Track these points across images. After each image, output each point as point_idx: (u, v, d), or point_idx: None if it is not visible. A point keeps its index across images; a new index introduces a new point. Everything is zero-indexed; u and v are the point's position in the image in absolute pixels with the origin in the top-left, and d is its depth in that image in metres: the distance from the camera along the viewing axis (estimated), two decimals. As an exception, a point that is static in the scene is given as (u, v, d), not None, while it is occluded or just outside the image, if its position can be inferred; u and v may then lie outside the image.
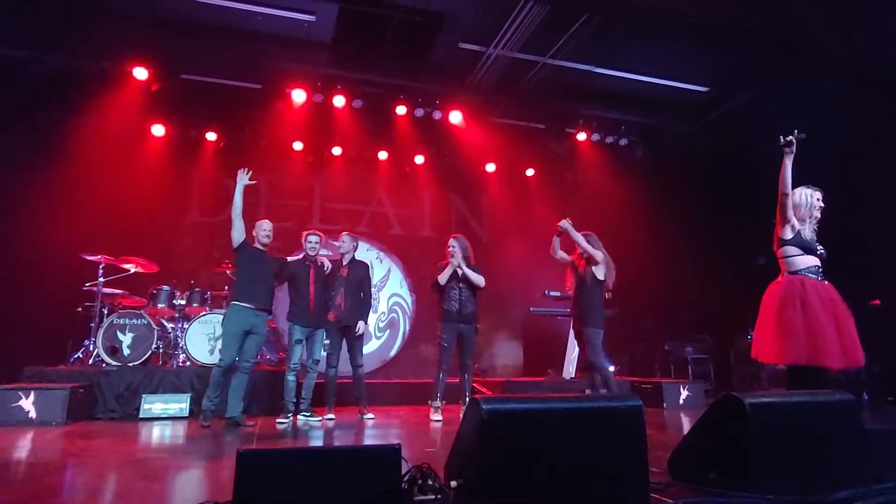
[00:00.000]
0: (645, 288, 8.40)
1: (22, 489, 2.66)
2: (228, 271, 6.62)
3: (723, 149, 8.06)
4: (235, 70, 7.62)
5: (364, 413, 5.44)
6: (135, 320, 6.07)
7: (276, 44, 7.04)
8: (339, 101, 7.82)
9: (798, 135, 3.57)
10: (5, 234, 6.83)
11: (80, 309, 6.54)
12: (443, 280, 5.41)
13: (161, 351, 6.27)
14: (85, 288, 6.39)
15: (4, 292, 6.57)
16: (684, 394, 6.74)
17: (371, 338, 9.07)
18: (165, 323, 6.45)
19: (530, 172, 9.91)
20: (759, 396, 2.47)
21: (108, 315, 6.15)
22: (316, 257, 5.47)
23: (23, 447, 3.92)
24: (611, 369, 7.43)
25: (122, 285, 6.62)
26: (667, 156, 9.08)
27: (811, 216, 3.72)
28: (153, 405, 5.49)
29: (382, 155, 9.30)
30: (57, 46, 6.86)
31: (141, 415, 5.42)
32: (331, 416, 5.33)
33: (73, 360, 6.30)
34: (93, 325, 6.17)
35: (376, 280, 9.41)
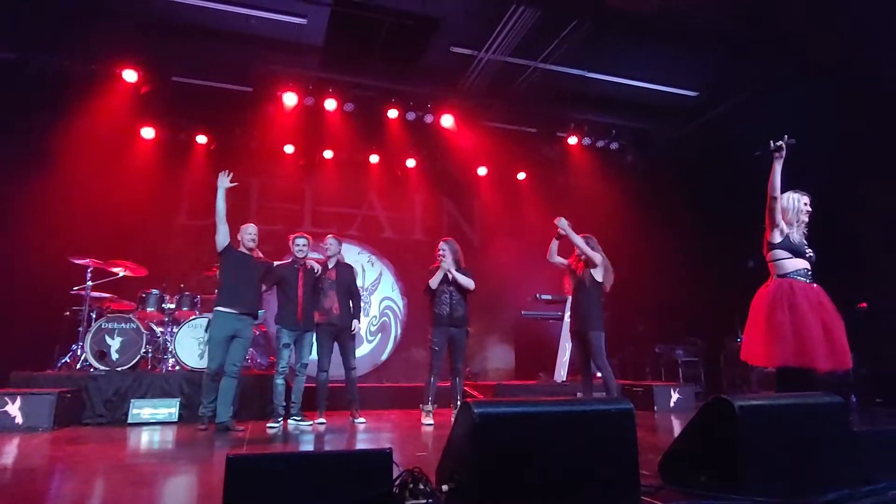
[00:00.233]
0: (635, 291, 8.43)
1: (7, 496, 2.62)
2: (218, 272, 6.57)
3: (712, 153, 8.12)
4: (226, 73, 7.60)
5: (356, 417, 5.41)
6: (123, 324, 6.01)
7: (267, 46, 7.02)
8: (330, 104, 7.81)
9: (788, 140, 3.61)
10: (-8, 236, 6.76)
11: (68, 313, 6.47)
12: (434, 284, 5.41)
13: (150, 355, 6.21)
14: (73, 292, 6.32)
15: (-9, 296, 6.50)
16: (675, 397, 6.77)
17: (363, 341, 9.05)
18: (154, 327, 6.39)
19: (522, 176, 9.94)
20: (749, 399, 2.48)
21: (97, 319, 6.10)
22: (305, 260, 5.45)
23: (9, 453, 3.86)
24: (599, 374, 7.48)
25: (110, 289, 6.56)
26: (657, 160, 9.15)
27: (798, 220, 3.76)
28: (142, 410, 5.44)
29: (374, 158, 9.30)
30: (45, 48, 6.82)
31: (129, 420, 5.36)
32: (322, 420, 5.30)
33: (60, 364, 6.22)
34: (81, 329, 6.11)
35: (368, 283, 9.40)
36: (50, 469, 3.33)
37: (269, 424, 5.07)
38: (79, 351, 6.06)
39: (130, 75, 7.12)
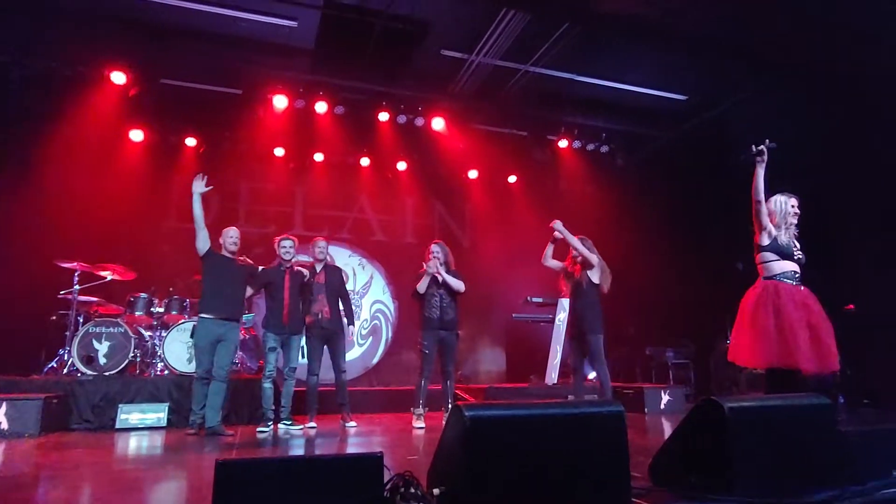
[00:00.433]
0: (626, 293, 8.46)
1: (-8, 503, 2.59)
2: (201, 277, 6.53)
3: (702, 156, 8.18)
4: (216, 75, 7.56)
5: (347, 421, 5.39)
6: (111, 328, 5.95)
7: (258, 49, 7.00)
8: (320, 106, 7.79)
9: (769, 144, 3.65)
10: (-23, 240, 6.68)
11: (55, 317, 6.41)
12: (422, 288, 5.38)
13: (138, 360, 6.15)
14: (60, 296, 6.25)
15: (-25, 300, 6.41)
16: (665, 399, 6.81)
17: (354, 345, 9.01)
18: (143, 331, 6.33)
19: (512, 179, 9.96)
20: (739, 401, 2.50)
21: (84, 323, 6.03)
22: (292, 263, 5.43)
23: (-7, 460, 3.81)
24: (592, 375, 7.50)
25: (98, 293, 6.49)
26: (647, 163, 9.21)
27: (787, 223, 3.80)
28: (130, 415, 5.39)
29: (365, 161, 9.27)
30: (32, 50, 6.74)
31: (117, 425, 5.31)
32: (312, 424, 5.27)
33: (46, 369, 6.15)
34: (68, 333, 6.04)
35: (358, 287, 9.37)
36: (36, 476, 3.28)
37: (259, 429, 5.05)
38: (66, 355, 5.99)
39: (119, 77, 7.05)
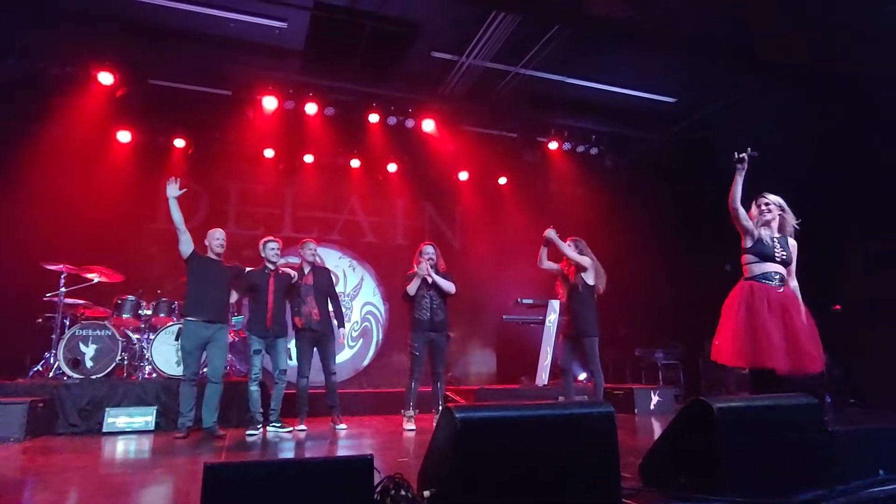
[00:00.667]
0: (615, 295, 8.49)
1: (-25, 509, 2.55)
2: (186, 279, 6.48)
3: (691, 158, 8.25)
4: (205, 76, 7.51)
5: (337, 423, 5.36)
6: (98, 331, 5.89)
7: (247, 50, 6.97)
8: (310, 108, 7.77)
9: (751, 153, 3.68)
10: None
11: (41, 320, 6.32)
12: (412, 290, 5.36)
13: (126, 363, 6.08)
14: (46, 298, 6.17)
15: (-41, 303, 6.33)
16: (655, 399, 6.84)
17: (344, 347, 8.98)
18: (130, 334, 6.26)
19: (503, 181, 9.98)
20: (727, 401, 2.51)
21: (70, 326, 5.96)
22: (277, 266, 5.40)
23: (-23, 465, 3.75)
24: (581, 376, 7.53)
25: (84, 295, 6.41)
26: (636, 165, 9.27)
27: (761, 221, 3.83)
28: (117, 419, 5.33)
29: (355, 163, 9.26)
30: (17, 50, 6.67)
31: (104, 429, 5.25)
32: (302, 426, 5.25)
33: (32, 373, 6.07)
34: (54, 336, 5.97)
35: (349, 289, 9.34)
36: (21, 481, 3.24)
37: (248, 432, 5.02)
38: (51, 359, 5.92)
39: (106, 78, 6.98)
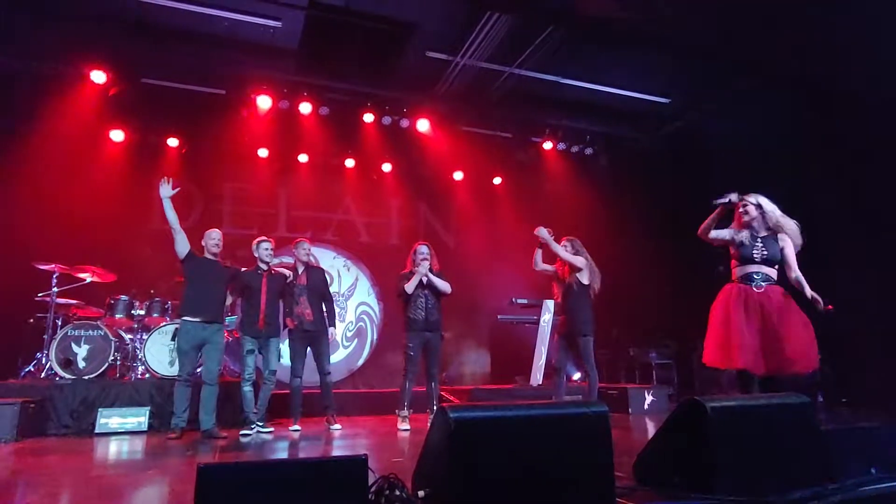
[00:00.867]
0: (610, 294, 8.51)
1: (-34, 511, 2.53)
2: (183, 280, 6.46)
3: (684, 158, 8.28)
4: (199, 75, 7.47)
5: (332, 423, 5.35)
6: (90, 331, 5.86)
7: (241, 49, 6.94)
8: (305, 107, 7.74)
9: (734, 198, 3.90)
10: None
11: (32, 320, 6.29)
12: (410, 289, 5.37)
13: (118, 363, 6.05)
14: (37, 298, 6.13)
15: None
16: (649, 399, 6.86)
17: (339, 347, 8.97)
18: (123, 334, 6.23)
19: (497, 181, 9.98)
20: (720, 400, 2.52)
21: (62, 326, 5.93)
22: (271, 266, 5.39)
23: (-32, 466, 3.72)
24: (576, 376, 7.54)
25: (77, 295, 6.38)
26: (631, 164, 9.29)
27: (744, 224, 3.87)
28: (110, 420, 5.30)
29: (350, 163, 9.24)
30: (8, 49, 6.61)
31: (97, 430, 5.21)
32: (296, 427, 5.23)
33: (24, 373, 6.03)
34: (46, 336, 5.93)
35: (343, 289, 9.33)
36: (12, 482, 3.22)
37: (242, 432, 5.00)
38: (43, 359, 5.88)
39: (99, 76, 6.94)
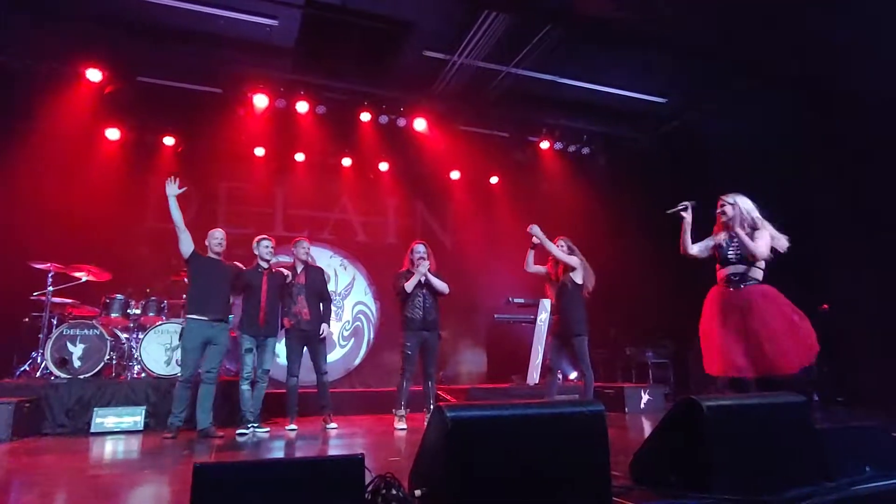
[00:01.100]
0: (606, 294, 8.52)
1: (-40, 511, 2.52)
2: (186, 279, 6.44)
3: (681, 158, 8.29)
4: (195, 73, 7.45)
5: (328, 423, 5.34)
6: (86, 331, 5.84)
7: (238, 48, 6.92)
8: (302, 106, 7.73)
9: (692, 203, 3.97)
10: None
11: (28, 319, 6.28)
12: (409, 288, 5.37)
13: (114, 362, 6.04)
14: (33, 297, 6.12)
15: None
16: (645, 398, 6.88)
17: (335, 346, 8.96)
18: (119, 333, 6.22)
19: (494, 180, 9.99)
20: (716, 399, 2.53)
21: (58, 325, 5.91)
22: (271, 265, 5.38)
23: (-38, 466, 3.71)
24: (573, 375, 7.55)
25: (72, 294, 6.36)
26: (628, 164, 9.30)
27: (720, 226, 3.87)
28: (105, 419, 5.28)
29: (346, 162, 9.23)
30: (3, 45, 6.58)
31: (92, 429, 5.20)
32: (293, 426, 5.23)
33: (19, 372, 6.01)
34: (41, 335, 5.91)
35: (340, 288, 9.31)
36: (7, 481, 3.20)
37: (238, 431, 4.98)
38: (39, 358, 5.86)
39: (94, 75, 6.92)
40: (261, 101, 7.59)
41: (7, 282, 6.39)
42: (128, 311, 6.26)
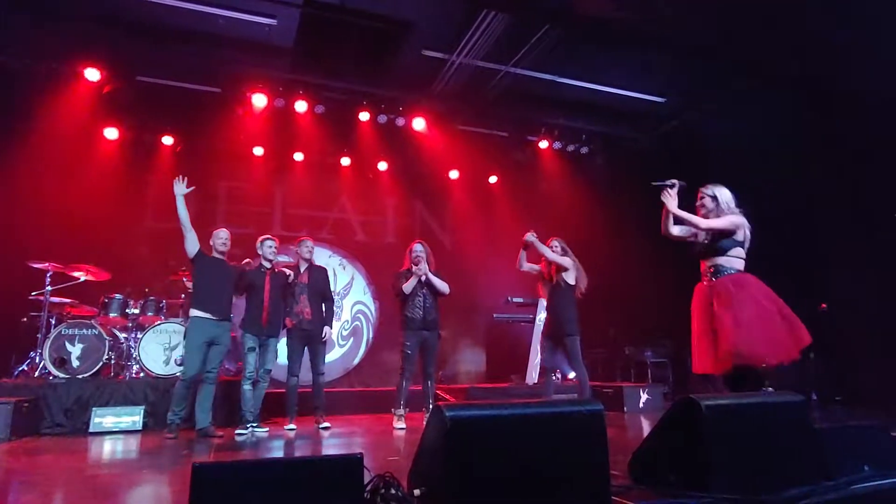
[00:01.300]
0: (605, 293, 8.53)
1: (-42, 511, 2.51)
2: (185, 279, 6.44)
3: (680, 157, 8.28)
4: (194, 73, 7.44)
5: (320, 423, 5.33)
6: (85, 330, 5.83)
7: (236, 47, 6.91)
8: (300, 106, 7.73)
9: (681, 183, 3.83)
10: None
11: (26, 319, 6.26)
12: (408, 289, 5.37)
13: (113, 362, 6.03)
14: (31, 297, 6.11)
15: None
16: (644, 397, 6.88)
17: (334, 346, 8.95)
18: (117, 333, 6.21)
19: (493, 179, 9.99)
20: (715, 399, 2.53)
21: (56, 325, 5.90)
22: (274, 264, 5.39)
23: (-39, 466, 3.70)
24: (571, 375, 7.55)
25: (71, 294, 6.36)
26: (627, 164, 9.29)
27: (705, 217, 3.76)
28: (104, 419, 5.28)
29: (345, 161, 9.23)
30: (2, 45, 6.57)
31: (91, 429, 5.20)
32: (292, 426, 5.22)
33: (17, 372, 6.01)
34: (39, 335, 5.90)
35: (339, 287, 9.31)
36: (6, 481, 3.20)
37: (237, 431, 4.98)
38: (37, 358, 5.85)
39: (93, 74, 6.91)
40: (259, 100, 7.58)
41: (5, 281, 6.38)
42: (126, 310, 6.25)
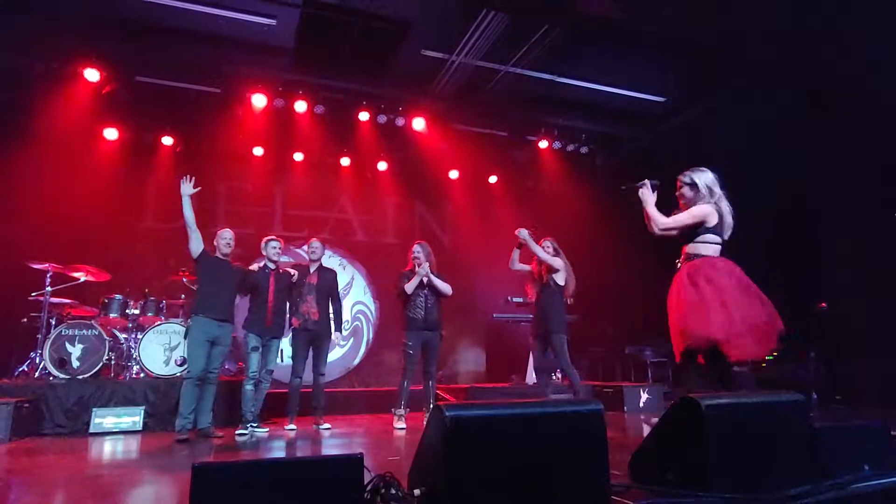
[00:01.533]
0: (605, 293, 8.55)
1: (-41, 511, 2.51)
2: (185, 279, 6.44)
3: (679, 157, 8.27)
4: (193, 73, 7.44)
5: (319, 423, 5.33)
6: (85, 331, 5.83)
7: (236, 47, 6.91)
8: (300, 106, 7.72)
9: (654, 182, 3.76)
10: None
11: (26, 320, 6.26)
12: (410, 289, 5.37)
13: (113, 362, 6.03)
14: (31, 297, 6.10)
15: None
16: (644, 397, 6.88)
17: (335, 346, 8.93)
18: (118, 333, 6.21)
19: (493, 179, 9.99)
20: (715, 398, 2.53)
21: (56, 325, 5.90)
22: (278, 265, 5.39)
23: (-39, 466, 3.70)
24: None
25: (71, 294, 6.36)
26: (626, 164, 9.30)
27: (681, 208, 3.79)
28: (104, 419, 5.28)
29: (345, 161, 9.23)
30: (2, 45, 6.57)
31: (91, 429, 5.20)
32: (292, 426, 5.22)
33: (17, 373, 6.00)
34: (39, 336, 5.90)
35: (340, 288, 9.28)
36: (6, 482, 3.20)
37: (238, 431, 4.98)
38: (37, 359, 5.85)
39: (92, 74, 6.90)
40: (259, 100, 7.58)
41: (5, 282, 6.39)
42: (126, 311, 6.26)
